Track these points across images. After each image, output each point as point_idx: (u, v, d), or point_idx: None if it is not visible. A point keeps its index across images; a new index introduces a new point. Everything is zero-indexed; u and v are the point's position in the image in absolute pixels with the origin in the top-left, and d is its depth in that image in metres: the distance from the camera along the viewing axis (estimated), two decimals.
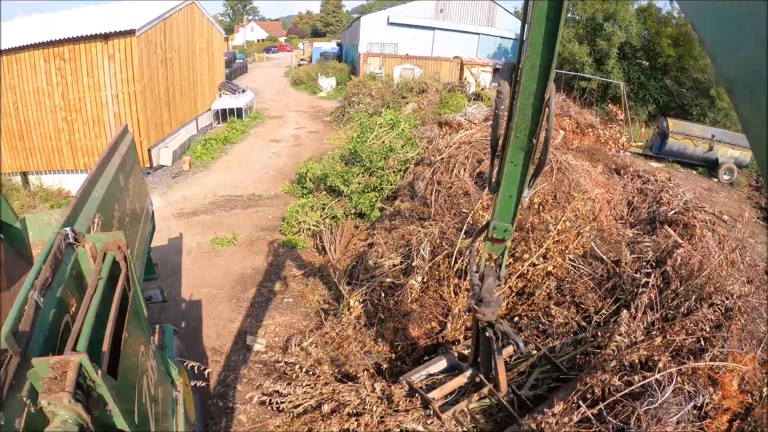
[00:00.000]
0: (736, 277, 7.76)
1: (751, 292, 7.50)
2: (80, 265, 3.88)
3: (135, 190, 6.99)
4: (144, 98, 17.96)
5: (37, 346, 2.97)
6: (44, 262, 3.35)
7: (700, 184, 20.29)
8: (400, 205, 10.31)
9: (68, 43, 16.72)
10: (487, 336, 5.82)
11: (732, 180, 21.02)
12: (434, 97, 22.85)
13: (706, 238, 9.42)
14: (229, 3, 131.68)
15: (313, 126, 27.27)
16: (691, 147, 21.94)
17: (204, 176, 18.36)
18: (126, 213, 6.14)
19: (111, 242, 3.75)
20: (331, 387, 6.49)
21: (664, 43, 32.03)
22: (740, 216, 16.47)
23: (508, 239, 5.34)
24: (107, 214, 5.09)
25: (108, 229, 4.98)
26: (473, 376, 6.49)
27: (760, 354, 6.58)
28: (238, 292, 10.42)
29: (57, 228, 3.82)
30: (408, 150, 11.87)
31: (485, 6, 41.34)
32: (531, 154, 4.57)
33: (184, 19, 22.66)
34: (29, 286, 3.09)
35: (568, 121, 15.92)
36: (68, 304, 3.58)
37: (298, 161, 18.49)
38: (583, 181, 9.99)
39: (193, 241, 12.77)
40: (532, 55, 4.06)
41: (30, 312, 2.97)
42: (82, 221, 4.38)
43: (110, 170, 5.72)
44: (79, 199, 4.49)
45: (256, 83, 42.24)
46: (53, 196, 17.55)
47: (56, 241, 3.59)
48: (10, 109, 17.30)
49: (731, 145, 21.61)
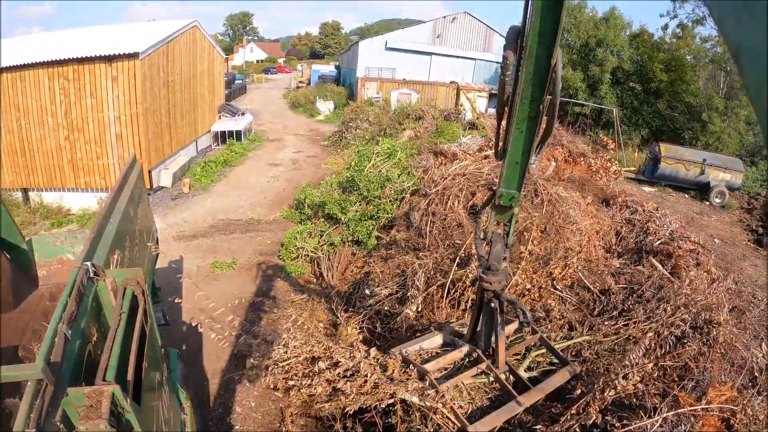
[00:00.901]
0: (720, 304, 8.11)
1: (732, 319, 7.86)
2: (100, 297, 4.19)
3: (142, 219, 7.30)
4: (146, 120, 18.28)
5: (67, 375, 3.28)
6: (69, 295, 3.66)
7: (692, 207, 20.67)
8: (396, 235, 10.63)
9: (73, 63, 17.06)
10: (492, 307, 5.76)
11: (723, 203, 21.44)
12: (430, 125, 23.32)
13: (690, 268, 9.78)
14: (229, 23, 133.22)
15: (311, 150, 27.65)
16: (683, 171, 22.43)
17: (203, 199, 18.66)
18: (135, 242, 6.44)
19: (131, 278, 4.07)
20: (324, 345, 6.37)
21: (656, 68, 32.68)
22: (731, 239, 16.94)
23: (516, 206, 5.31)
24: (120, 246, 5.40)
25: (121, 260, 5.30)
26: (470, 352, 6.39)
27: (741, 381, 6.89)
28: (238, 315, 10.67)
29: (78, 263, 4.14)
30: (404, 179, 12.25)
31: (481, 32, 42.11)
32: (537, 120, 4.52)
33: (186, 41, 23.11)
34: (58, 319, 3.41)
35: (560, 150, 16.36)
36: (90, 335, 3.89)
37: (296, 186, 18.84)
38: (572, 213, 10.35)
39: (193, 264, 13.04)
40: (537, 20, 4.00)
41: (60, 344, 3.28)
42: (99, 254, 4.68)
43: (121, 203, 6.01)
44: (96, 234, 4.79)
45: (255, 105, 42.76)
46: (53, 214, 17.82)
47: (79, 276, 3.90)
48: (13, 126, 17.58)
49: (722, 168, 22.16)
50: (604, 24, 34.10)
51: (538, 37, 4.06)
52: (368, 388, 5.74)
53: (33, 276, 6.67)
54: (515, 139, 4.72)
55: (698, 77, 32.19)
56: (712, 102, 30.42)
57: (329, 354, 6.19)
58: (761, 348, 7.83)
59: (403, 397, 5.69)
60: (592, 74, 33.63)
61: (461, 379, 6.04)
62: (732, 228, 18.68)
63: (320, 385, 5.95)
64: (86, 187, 18.41)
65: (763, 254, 16.09)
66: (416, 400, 5.67)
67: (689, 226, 17.05)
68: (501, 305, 5.74)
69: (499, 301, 5.70)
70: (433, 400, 5.62)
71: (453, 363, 6.42)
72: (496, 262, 5.56)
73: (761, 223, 18.92)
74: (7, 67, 16.95)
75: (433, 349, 6.79)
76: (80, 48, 17.59)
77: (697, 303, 7.79)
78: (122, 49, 17.32)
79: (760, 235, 17.75)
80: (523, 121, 4.57)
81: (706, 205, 21.38)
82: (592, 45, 33.74)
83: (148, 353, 3.77)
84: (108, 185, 18.24)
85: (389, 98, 36.72)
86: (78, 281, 3.84)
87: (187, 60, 23.23)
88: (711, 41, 32.82)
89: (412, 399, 5.68)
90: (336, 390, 5.94)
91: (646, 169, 24.01)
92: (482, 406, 5.99)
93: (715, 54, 32.08)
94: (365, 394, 5.76)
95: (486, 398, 6.10)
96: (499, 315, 5.78)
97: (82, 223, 16.90)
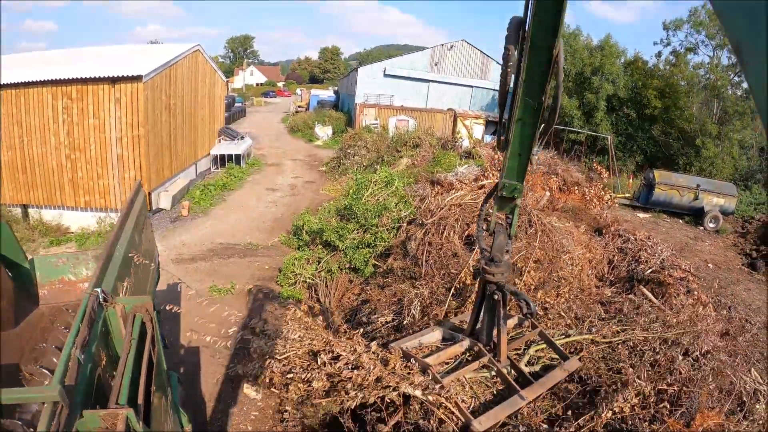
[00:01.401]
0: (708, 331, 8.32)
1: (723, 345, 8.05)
2: (109, 322, 4.38)
3: (145, 243, 7.49)
4: (147, 142, 18.51)
5: (79, 398, 3.46)
6: (81, 321, 3.85)
7: (687, 233, 20.90)
8: (393, 263, 10.82)
9: (76, 83, 17.32)
10: (494, 300, 5.67)
11: (718, 227, 21.69)
12: (428, 153, 23.64)
13: (680, 296, 10.00)
14: (230, 45, 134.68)
15: (309, 175, 27.91)
16: (677, 197, 22.75)
17: (202, 222, 18.84)
18: (139, 268, 6.62)
19: (140, 305, 4.27)
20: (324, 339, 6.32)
21: (650, 94, 33.18)
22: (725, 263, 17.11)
23: (518, 197, 5.27)
24: (126, 272, 5.59)
25: (125, 284, 5.49)
26: (471, 346, 6.27)
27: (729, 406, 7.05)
28: (236, 340, 10.78)
29: (89, 289, 4.33)
30: (401, 208, 12.49)
31: (479, 59, 42.77)
32: (540, 112, 4.49)
33: (189, 65, 23.46)
34: (71, 344, 3.60)
35: (555, 179, 16.67)
36: (100, 359, 4.07)
37: (294, 211, 19.05)
38: (566, 243, 10.59)
39: (191, 287, 13.15)
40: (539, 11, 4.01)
41: (73, 367, 3.47)
42: (107, 280, 4.87)
43: (127, 230, 6.20)
44: (104, 261, 4.99)
45: (254, 128, 43.16)
46: (52, 231, 17.95)
47: (90, 302, 4.10)
48: (15, 143, 17.78)
49: (716, 193, 22.51)
50: (600, 52, 34.75)
51: (540, 28, 4.06)
52: (371, 381, 5.65)
53: (34, 295, 6.79)
54: (517, 130, 4.71)
55: (692, 103, 32.78)
56: (706, 127, 30.93)
57: (329, 348, 6.15)
58: (751, 373, 8.00)
59: (406, 391, 5.58)
60: (587, 102, 34.19)
61: (463, 374, 5.93)
62: (726, 252, 18.89)
63: (320, 379, 5.88)
64: (86, 206, 18.58)
65: (757, 278, 16.25)
66: (419, 394, 5.58)
67: (683, 251, 17.26)
68: (504, 297, 5.67)
69: (501, 293, 5.64)
70: (436, 394, 5.52)
71: (454, 357, 6.30)
72: (498, 253, 5.52)
73: (755, 247, 19.12)
74: (11, 84, 17.20)
75: (433, 344, 6.72)
76: (84, 68, 17.86)
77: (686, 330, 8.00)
78: (126, 72, 17.60)
79: (753, 258, 17.94)
80: (525, 113, 4.56)
81: (700, 230, 21.63)
82: (588, 73, 34.34)
83: (155, 378, 3.95)
84: (108, 205, 18.43)
85: (387, 125, 37.15)
86: (89, 307, 4.03)
87: (188, 83, 23.57)
88: (704, 68, 33.58)
89: (415, 393, 5.58)
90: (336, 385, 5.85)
91: (640, 196, 24.32)
92: (485, 401, 5.88)
93: (708, 80, 32.74)
94: (367, 388, 5.66)
95: (488, 392, 5.97)
96: (502, 308, 5.73)
97: (81, 242, 17.04)
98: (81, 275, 7.20)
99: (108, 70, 17.71)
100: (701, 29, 32.79)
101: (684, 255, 16.39)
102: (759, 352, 9.29)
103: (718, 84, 31.73)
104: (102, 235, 17.61)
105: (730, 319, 10.97)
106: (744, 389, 7.45)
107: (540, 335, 6.64)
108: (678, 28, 34.00)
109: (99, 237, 17.49)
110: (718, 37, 32.11)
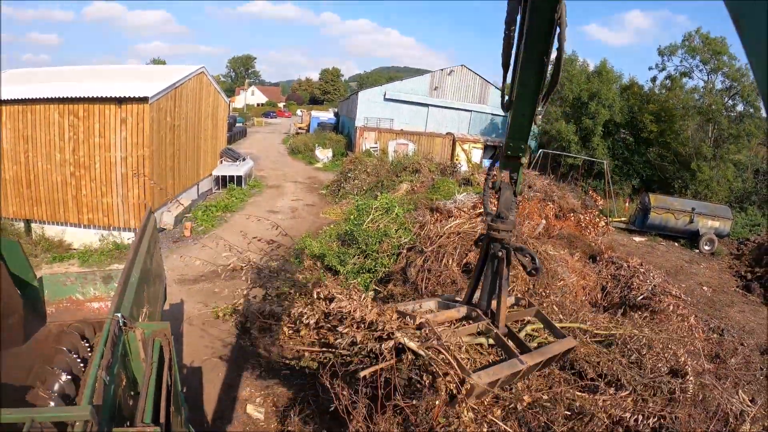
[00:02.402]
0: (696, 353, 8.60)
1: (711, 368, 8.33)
2: (128, 345, 4.68)
3: (155, 267, 7.79)
4: (152, 163, 18.81)
5: (105, 417, 3.76)
6: (105, 344, 4.16)
7: (682, 256, 21.17)
8: (393, 289, 11.09)
9: (83, 102, 17.67)
10: (499, 257, 5.53)
11: (713, 250, 22.00)
12: (427, 179, 23.98)
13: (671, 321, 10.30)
14: (231, 65, 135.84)
15: (309, 198, 28.19)
16: (672, 220, 23.14)
17: (204, 243, 19.09)
18: (150, 291, 6.92)
19: (159, 331, 4.58)
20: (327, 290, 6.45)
21: (646, 119, 33.75)
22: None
23: (523, 157, 5.28)
24: (140, 296, 5.88)
25: (139, 308, 5.80)
26: (468, 313, 6.09)
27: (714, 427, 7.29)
28: (239, 361, 10.98)
29: (110, 314, 4.64)
30: (401, 235, 12.79)
31: (478, 84, 43.39)
32: (543, 73, 4.45)
33: (193, 87, 23.90)
34: (97, 366, 3.91)
35: (551, 206, 17.00)
36: (120, 380, 4.37)
37: (295, 234, 19.31)
38: (560, 270, 10.91)
39: (194, 308, 13.37)
40: None
41: (100, 388, 3.78)
42: (125, 305, 5.17)
43: (141, 255, 6.48)
44: (122, 286, 5.29)
45: (255, 149, 43.57)
46: (54, 247, 18.17)
47: (112, 326, 4.40)
48: (20, 158, 18.08)
49: (711, 216, 22.94)
50: (597, 78, 35.38)
51: None
52: (366, 325, 5.66)
53: (42, 313, 7.02)
54: (521, 91, 4.68)
55: (687, 127, 33.32)
56: (701, 151, 31.41)
57: (328, 292, 6.33)
58: (738, 395, 8.24)
59: (402, 341, 5.53)
60: (584, 127, 34.72)
61: (460, 334, 5.70)
62: (721, 275, 19.14)
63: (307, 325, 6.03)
64: (89, 224, 18.78)
65: (751, 299, 16.46)
66: (415, 346, 5.47)
67: (678, 275, 17.52)
68: (508, 255, 5.50)
69: (506, 250, 5.48)
70: (434, 348, 5.35)
71: (451, 322, 6.06)
72: (505, 209, 5.45)
73: (750, 269, 19.37)
74: (18, 99, 17.58)
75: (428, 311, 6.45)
76: (92, 88, 18.18)
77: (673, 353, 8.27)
78: (133, 93, 17.96)
79: (748, 280, 18.17)
80: (528, 75, 4.52)
81: (695, 252, 21.93)
82: (585, 98, 34.92)
83: (173, 398, 4.25)
84: (111, 223, 18.65)
85: (386, 148, 37.62)
86: (111, 331, 4.33)
87: (192, 105, 23.96)
88: (698, 93, 34.23)
89: (411, 344, 5.48)
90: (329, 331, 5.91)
91: (636, 219, 24.68)
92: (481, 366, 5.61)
93: (703, 104, 33.37)
94: (362, 331, 5.66)
95: (484, 360, 5.78)
96: (506, 266, 5.54)
97: (84, 260, 17.26)
98: (89, 295, 7.44)
99: (115, 90, 18.07)
100: (696, 54, 33.50)
101: (679, 278, 16.66)
102: (752, 374, 9.55)
103: (712, 108, 32.37)
104: (105, 253, 17.85)
105: (721, 342, 11.25)
106: (730, 410, 7.70)
107: (537, 315, 6.44)
108: (672, 53, 34.77)
109: (101, 255, 17.73)
110: (713, 62, 32.80)
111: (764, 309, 15.76)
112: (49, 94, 17.75)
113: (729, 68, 32.27)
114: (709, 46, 32.58)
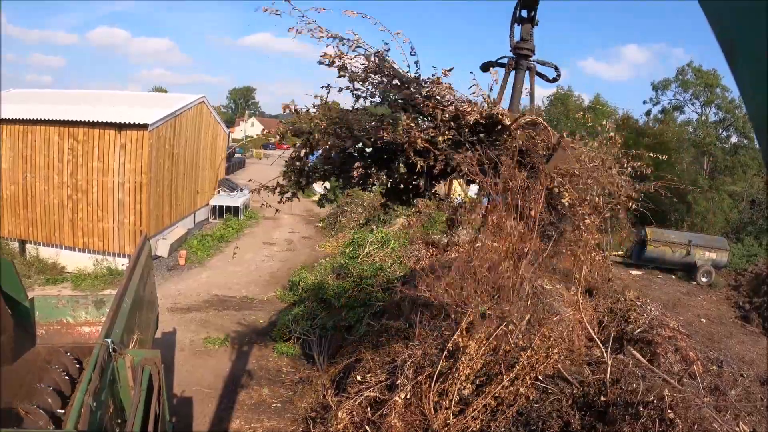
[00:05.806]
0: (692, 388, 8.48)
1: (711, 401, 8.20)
2: (117, 372, 4.60)
3: (148, 294, 7.71)
4: (149, 190, 18.77)
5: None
6: (93, 370, 4.08)
7: (680, 288, 21.00)
8: (387, 323, 10.97)
9: (83, 125, 17.77)
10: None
11: (710, 282, 21.79)
12: (423, 213, 23.91)
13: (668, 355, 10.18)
14: (232, 96, 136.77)
15: (305, 231, 28.14)
16: (669, 253, 22.98)
17: (199, 273, 18.97)
18: (142, 318, 6.84)
19: (149, 358, 4.50)
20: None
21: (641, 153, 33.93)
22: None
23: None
24: (131, 323, 5.80)
25: (130, 335, 5.71)
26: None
27: None
28: (229, 392, 10.81)
29: (100, 339, 4.56)
30: (397, 269, 12.74)
31: None
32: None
33: (193, 115, 24.04)
34: (84, 391, 3.82)
35: None
36: (108, 406, 4.28)
37: (290, 266, 19.24)
38: (556, 304, 10.79)
39: (186, 337, 13.20)
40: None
41: (86, 414, 3.69)
42: (116, 332, 5.09)
43: (134, 282, 6.42)
44: (114, 312, 5.22)
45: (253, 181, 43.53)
46: (48, 269, 18.07)
47: (101, 352, 4.33)
48: (18, 178, 18.11)
49: (707, 248, 22.78)
50: (592, 113, 35.71)
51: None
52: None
53: (32, 334, 6.90)
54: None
55: (682, 159, 33.49)
56: (697, 182, 31.50)
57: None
58: (739, 427, 8.09)
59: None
60: None
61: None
62: (719, 306, 19.00)
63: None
64: (84, 248, 18.70)
65: (750, 330, 16.31)
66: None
67: (676, 307, 17.35)
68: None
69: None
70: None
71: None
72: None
73: (748, 300, 19.18)
74: (19, 120, 17.66)
75: None
76: (93, 112, 18.28)
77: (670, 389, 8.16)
78: (133, 119, 18.04)
79: (747, 311, 18.01)
80: None
81: (693, 285, 21.74)
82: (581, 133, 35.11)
83: (160, 428, 4.15)
84: (106, 248, 18.53)
85: None
86: (101, 356, 4.26)
87: (192, 134, 24.06)
88: (692, 125, 34.57)
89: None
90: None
91: (633, 253, 24.57)
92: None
93: (697, 137, 33.63)
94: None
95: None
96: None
97: (77, 283, 17.13)
98: (80, 318, 7.32)
99: (115, 115, 18.15)
100: (689, 88, 33.92)
101: (677, 311, 16.51)
102: (752, 404, 9.40)
103: (706, 140, 32.61)
104: (98, 278, 17.73)
105: (720, 373, 11.11)
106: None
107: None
108: (666, 87, 35.27)
109: (95, 279, 17.61)
110: (705, 94, 33.19)
111: (763, 339, 15.58)
112: (49, 116, 17.85)
113: (722, 100, 32.69)
114: (702, 79, 33.04)
